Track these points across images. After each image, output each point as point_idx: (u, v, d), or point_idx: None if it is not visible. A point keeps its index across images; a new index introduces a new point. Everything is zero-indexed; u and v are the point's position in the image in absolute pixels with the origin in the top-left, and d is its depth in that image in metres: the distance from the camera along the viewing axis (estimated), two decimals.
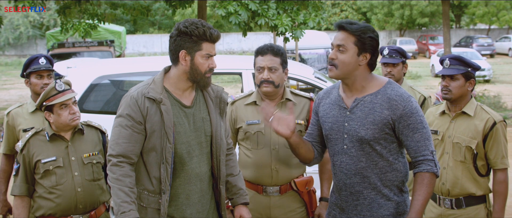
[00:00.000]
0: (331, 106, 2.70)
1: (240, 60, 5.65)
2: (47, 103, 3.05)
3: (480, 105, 3.29)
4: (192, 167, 2.68)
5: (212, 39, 2.60)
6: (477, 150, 3.20)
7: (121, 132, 2.59)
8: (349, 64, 2.56)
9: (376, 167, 2.59)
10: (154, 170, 2.62)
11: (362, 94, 2.61)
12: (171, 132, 2.58)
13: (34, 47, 34.28)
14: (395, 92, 2.58)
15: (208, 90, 2.77)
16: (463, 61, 3.21)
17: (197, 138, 2.69)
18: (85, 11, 11.52)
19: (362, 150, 2.58)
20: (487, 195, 3.29)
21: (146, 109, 2.57)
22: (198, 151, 2.70)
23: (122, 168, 2.56)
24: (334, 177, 2.74)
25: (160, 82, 2.64)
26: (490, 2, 34.28)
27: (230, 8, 7.55)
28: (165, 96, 2.61)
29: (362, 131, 2.55)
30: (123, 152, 2.57)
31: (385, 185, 2.60)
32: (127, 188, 2.54)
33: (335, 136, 2.66)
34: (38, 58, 3.60)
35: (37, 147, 3.09)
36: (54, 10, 18.79)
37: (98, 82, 4.99)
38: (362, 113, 2.58)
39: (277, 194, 3.20)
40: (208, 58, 2.63)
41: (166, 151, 2.59)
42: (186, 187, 2.68)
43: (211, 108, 2.75)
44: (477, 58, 21.37)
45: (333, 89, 2.77)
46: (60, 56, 12.21)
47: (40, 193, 3.10)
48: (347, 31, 2.56)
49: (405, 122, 2.52)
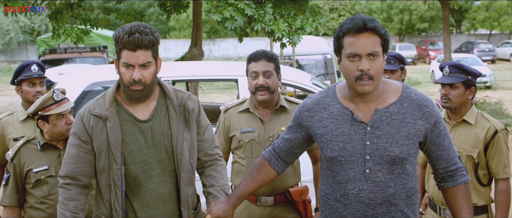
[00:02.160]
0: (336, 121, 2.26)
1: (236, 66, 5.65)
2: (43, 113, 3.04)
3: (481, 113, 3.30)
4: (151, 188, 2.45)
5: (130, 46, 2.29)
6: (479, 159, 3.20)
7: (69, 151, 2.46)
8: (382, 71, 2.17)
9: (403, 191, 2.23)
10: (106, 193, 2.43)
11: (383, 104, 2.22)
12: (117, 152, 2.37)
13: (24, 53, 34.21)
14: (421, 96, 2.23)
15: (172, 98, 2.50)
16: (463, 69, 3.22)
17: (157, 156, 2.45)
18: (78, 16, 11.51)
19: (391, 173, 2.19)
20: (489, 205, 3.29)
21: (91, 128, 2.39)
22: (158, 170, 2.46)
23: (68, 191, 2.43)
24: (344, 209, 2.27)
25: (110, 96, 2.43)
26: (491, 7, 34.44)
27: (226, 13, 7.56)
28: (113, 112, 2.40)
29: (396, 149, 2.17)
30: (70, 173, 2.44)
31: (410, 210, 2.27)
32: (70, 213, 2.40)
33: (349, 158, 2.22)
34: (30, 65, 3.59)
35: (29, 156, 3.08)
36: (45, 15, 18.79)
37: (91, 89, 4.98)
38: (391, 128, 2.18)
39: (272, 204, 3.19)
40: (128, 67, 2.34)
41: (113, 173, 2.38)
42: (146, 211, 2.46)
43: (173, 120, 2.48)
44: (478, 64, 21.45)
45: (327, 99, 2.32)
46: (51, 62, 12.19)
47: (31, 203, 3.09)
48: (376, 33, 2.13)
49: (438, 129, 2.23)
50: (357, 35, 2.12)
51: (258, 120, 3.20)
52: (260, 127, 3.18)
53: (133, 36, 2.28)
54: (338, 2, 40.14)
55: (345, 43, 2.15)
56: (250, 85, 3.15)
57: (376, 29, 2.11)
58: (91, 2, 12.14)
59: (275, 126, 3.18)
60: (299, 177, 3.29)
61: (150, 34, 2.32)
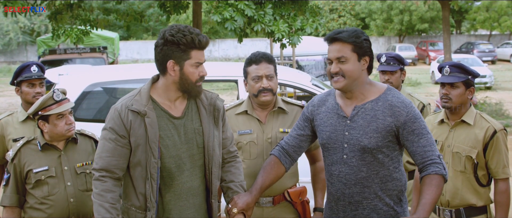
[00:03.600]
0: (329, 115, 2.72)
1: (235, 67, 5.66)
2: (43, 113, 3.04)
3: (480, 113, 3.31)
4: (183, 181, 2.61)
5: (201, 46, 2.54)
6: (478, 159, 3.21)
7: (105, 145, 2.55)
8: (354, 72, 2.59)
9: (377, 177, 2.62)
10: (140, 185, 2.56)
11: (362, 101, 2.64)
12: (155, 146, 2.52)
13: (24, 54, 34.23)
14: (396, 98, 2.62)
15: (201, 98, 2.70)
16: (463, 69, 3.23)
17: (189, 151, 2.62)
18: (77, 17, 11.53)
19: (363, 160, 2.61)
20: (488, 205, 3.29)
21: (130, 123, 2.52)
22: (189, 164, 2.63)
23: (104, 183, 2.53)
24: (331, 187, 2.75)
25: (146, 93, 2.58)
26: (492, 8, 34.47)
27: (226, 14, 7.58)
28: (151, 108, 2.54)
29: (365, 140, 2.58)
30: (105, 166, 2.54)
31: (385, 194, 2.64)
32: (108, 204, 2.50)
33: (333, 145, 2.68)
34: (30, 65, 3.59)
35: (29, 156, 3.09)
36: (45, 15, 18.79)
37: (91, 89, 4.99)
38: (364, 121, 2.60)
39: (270, 205, 3.18)
40: (198, 66, 2.56)
41: (151, 166, 2.53)
42: (177, 202, 2.62)
43: (204, 118, 2.67)
44: (478, 64, 21.46)
45: (328, 96, 2.80)
46: (51, 63, 12.20)
47: (31, 204, 3.10)
48: (341, 41, 2.58)
49: (410, 128, 2.57)
50: (330, 44, 2.63)
51: (256, 121, 3.20)
52: (258, 128, 3.19)
53: (204, 37, 2.54)
54: (338, 2, 40.18)
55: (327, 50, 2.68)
56: (252, 88, 3.15)
57: (337, 38, 2.59)
58: (91, 2, 12.16)
59: (273, 128, 3.18)
60: (297, 177, 3.30)
61: None
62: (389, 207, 2.64)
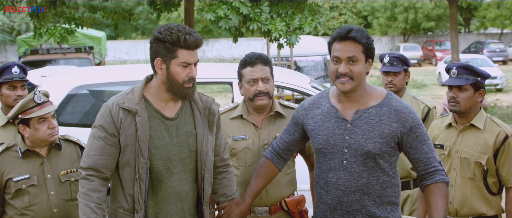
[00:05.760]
0: (325, 118, 2.74)
1: (230, 69, 5.66)
2: (23, 116, 3.03)
3: (490, 117, 3.32)
4: (172, 184, 2.68)
5: (187, 45, 2.56)
6: (488, 166, 3.21)
7: (94, 144, 2.62)
8: (362, 74, 2.63)
9: (377, 183, 2.67)
10: (128, 186, 2.63)
11: (365, 105, 2.68)
12: (145, 146, 2.58)
13: (3, 54, 34.14)
14: (400, 104, 2.68)
15: (196, 101, 2.76)
16: (472, 70, 3.23)
17: (180, 154, 2.68)
18: (61, 15, 11.50)
19: (365, 165, 2.64)
20: (499, 215, 3.30)
21: (120, 121, 2.59)
22: (180, 168, 2.69)
23: (91, 182, 2.59)
24: (326, 196, 2.75)
25: (139, 92, 2.65)
26: (503, 4, 34.52)
27: (220, 12, 7.57)
28: (143, 107, 2.61)
29: (369, 145, 2.62)
30: (93, 165, 2.60)
31: (384, 201, 2.70)
32: (94, 203, 2.56)
33: (331, 150, 2.70)
34: (11, 67, 3.59)
35: (8, 164, 3.08)
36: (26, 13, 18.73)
37: (76, 92, 4.99)
38: (367, 126, 2.64)
39: (267, 215, 3.18)
40: (186, 66, 2.60)
41: (140, 167, 2.59)
42: (164, 207, 2.68)
43: (198, 121, 2.73)
44: (488, 65, 21.52)
45: (321, 99, 2.82)
46: (33, 64, 12.18)
47: (10, 215, 3.08)
48: (355, 41, 2.59)
49: (414, 134, 2.65)
50: (341, 42, 2.60)
51: (251, 126, 3.20)
52: (254, 134, 3.18)
53: (193, 36, 2.56)
54: (338, 0, 40.25)
55: (332, 48, 2.66)
56: (247, 92, 3.14)
57: (355, 38, 2.57)
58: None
59: (270, 133, 3.17)
60: (295, 186, 3.29)
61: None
62: (386, 212, 2.70)
